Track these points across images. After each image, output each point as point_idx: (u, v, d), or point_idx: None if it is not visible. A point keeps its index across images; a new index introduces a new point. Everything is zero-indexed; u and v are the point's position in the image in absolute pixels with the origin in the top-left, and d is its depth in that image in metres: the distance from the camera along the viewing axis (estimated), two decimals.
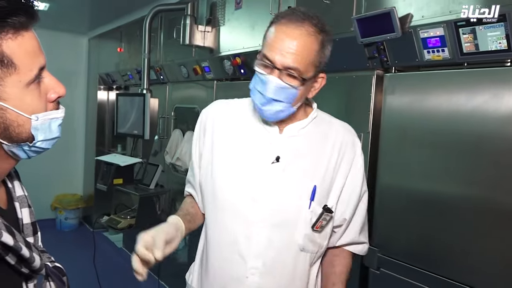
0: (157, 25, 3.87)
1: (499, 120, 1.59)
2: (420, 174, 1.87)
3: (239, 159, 1.23)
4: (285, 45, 1.07)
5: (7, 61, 0.64)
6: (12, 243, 0.66)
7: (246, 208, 1.20)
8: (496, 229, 1.59)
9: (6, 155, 0.71)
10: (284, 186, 1.20)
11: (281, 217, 1.20)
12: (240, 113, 1.29)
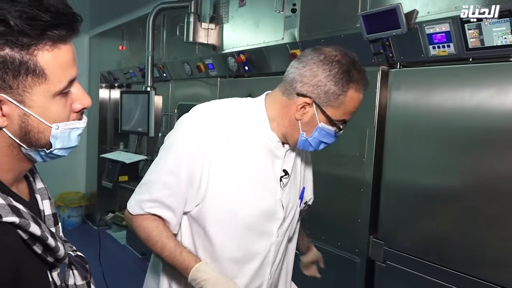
0: (160, 23, 3.88)
1: (504, 115, 1.61)
2: (425, 169, 1.90)
3: (257, 178, 1.21)
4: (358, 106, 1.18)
5: (39, 71, 0.65)
6: (40, 233, 0.68)
7: (271, 224, 1.24)
8: (501, 223, 1.62)
9: (25, 157, 0.73)
10: (291, 198, 1.29)
11: (288, 222, 1.29)
12: (243, 125, 1.21)
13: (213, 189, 1.15)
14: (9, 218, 0.64)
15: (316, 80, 1.12)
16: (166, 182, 1.15)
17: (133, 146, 4.38)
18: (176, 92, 3.95)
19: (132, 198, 1.21)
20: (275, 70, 2.73)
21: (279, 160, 1.23)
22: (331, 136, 1.19)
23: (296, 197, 1.31)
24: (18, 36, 0.62)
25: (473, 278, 1.70)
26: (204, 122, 1.17)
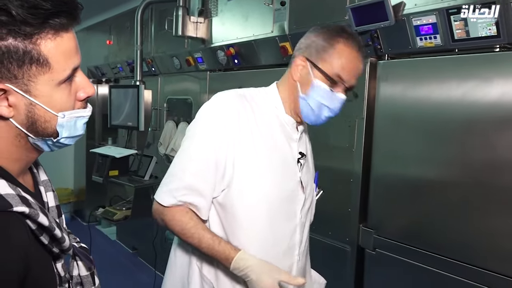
0: (148, 17, 3.86)
1: (489, 104, 1.66)
2: (413, 159, 1.94)
3: (279, 156, 1.25)
4: (357, 70, 1.22)
5: (43, 60, 0.66)
6: (47, 223, 0.69)
7: (294, 205, 1.29)
8: (485, 210, 1.68)
9: (32, 147, 0.73)
10: (307, 176, 1.34)
11: (308, 204, 1.35)
12: (261, 109, 1.26)
13: (238, 173, 1.17)
14: (20, 208, 0.65)
15: (308, 41, 1.23)
16: (195, 169, 1.16)
17: (122, 141, 4.36)
18: (165, 86, 3.95)
19: (160, 190, 1.20)
20: (265, 63, 2.75)
21: (295, 143, 1.29)
22: (330, 98, 1.21)
23: (312, 180, 1.39)
24: (21, 26, 0.62)
25: (458, 262, 1.75)
26: (226, 109, 1.20)
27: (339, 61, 1.19)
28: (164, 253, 3.92)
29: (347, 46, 1.19)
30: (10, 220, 0.64)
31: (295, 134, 1.30)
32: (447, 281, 1.79)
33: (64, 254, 0.79)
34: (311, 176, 1.39)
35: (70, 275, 0.84)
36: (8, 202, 0.64)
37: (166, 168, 3.89)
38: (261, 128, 1.22)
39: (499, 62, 1.64)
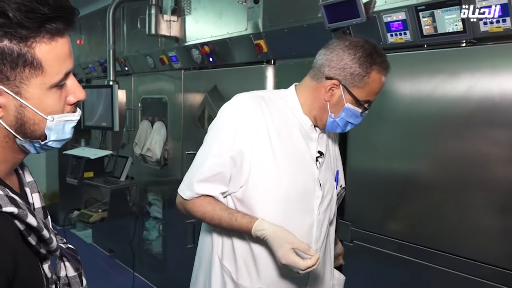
0: (120, 16, 3.82)
1: (457, 98, 1.73)
2: (386, 152, 2.00)
3: (296, 157, 1.32)
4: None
5: (37, 63, 0.66)
6: (36, 223, 0.69)
7: (311, 197, 1.34)
8: (457, 198, 1.75)
9: (19, 148, 0.73)
10: (326, 174, 1.40)
11: (327, 202, 1.40)
12: (278, 110, 1.33)
13: (255, 170, 1.26)
14: (9, 208, 0.65)
15: (342, 63, 1.26)
16: (212, 164, 1.26)
17: (96, 142, 4.30)
18: (139, 85, 3.91)
19: (182, 184, 1.32)
20: (239, 61, 2.76)
21: (314, 143, 1.36)
22: (357, 117, 1.32)
23: (332, 178, 1.44)
24: (17, 28, 0.63)
25: (432, 250, 1.82)
26: (245, 109, 1.28)
27: (372, 88, 1.29)
28: (142, 254, 3.91)
29: (380, 72, 1.28)
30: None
31: (314, 134, 1.37)
32: (421, 269, 1.86)
33: (51, 255, 0.79)
34: (331, 174, 1.43)
35: (57, 276, 0.83)
36: None
37: (142, 168, 3.85)
38: (278, 128, 1.29)
39: (466, 57, 1.71)
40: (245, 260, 1.30)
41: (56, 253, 0.80)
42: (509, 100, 1.59)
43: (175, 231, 3.49)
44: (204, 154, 1.29)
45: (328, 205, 1.41)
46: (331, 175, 1.43)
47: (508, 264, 1.60)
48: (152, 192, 3.83)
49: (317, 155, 1.36)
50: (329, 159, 1.44)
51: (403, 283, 1.95)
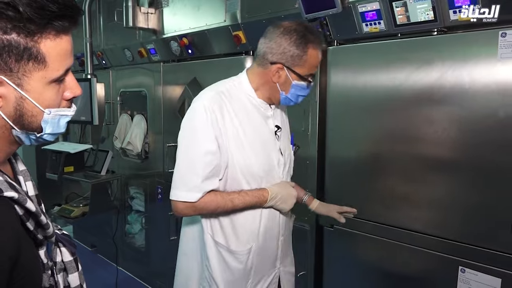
0: (96, 8, 3.77)
1: (429, 84, 1.80)
2: (364, 138, 2.07)
3: (259, 136, 1.52)
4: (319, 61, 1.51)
5: (41, 58, 0.69)
6: (34, 209, 0.71)
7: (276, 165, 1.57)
8: (430, 182, 1.83)
9: (14, 139, 0.75)
10: (284, 142, 1.63)
11: (288, 164, 1.65)
12: (235, 98, 1.51)
13: (231, 153, 1.44)
14: (9, 193, 0.67)
15: (281, 48, 1.43)
16: (206, 162, 1.40)
17: (74, 137, 4.24)
18: (118, 79, 3.88)
19: (180, 191, 1.43)
20: (218, 52, 2.78)
21: (270, 119, 1.57)
22: (304, 89, 1.51)
23: (289, 143, 1.68)
24: (26, 23, 0.66)
25: (409, 231, 1.90)
26: (210, 105, 1.42)
27: (311, 64, 1.47)
28: (125, 248, 3.91)
29: (315, 49, 1.46)
30: (1, 204, 0.66)
31: (269, 111, 1.57)
32: (395, 248, 1.94)
33: (47, 240, 0.81)
34: (288, 140, 1.67)
35: (53, 261, 0.85)
36: None
37: (123, 162, 3.83)
38: (239, 115, 1.47)
39: (437, 45, 1.78)
40: (232, 230, 1.51)
41: (52, 239, 0.82)
42: (478, 86, 1.66)
43: (158, 224, 3.50)
44: (195, 155, 1.42)
45: (289, 166, 1.66)
46: (287, 141, 1.67)
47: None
48: (133, 186, 3.82)
49: (275, 129, 1.58)
50: (285, 129, 1.66)
51: (380, 263, 2.03)
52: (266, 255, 1.59)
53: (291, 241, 1.78)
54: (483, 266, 1.68)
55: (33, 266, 0.75)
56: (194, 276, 1.61)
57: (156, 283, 3.62)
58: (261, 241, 1.55)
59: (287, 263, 1.72)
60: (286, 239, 1.70)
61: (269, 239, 1.59)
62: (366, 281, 2.10)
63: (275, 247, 1.62)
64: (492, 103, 1.63)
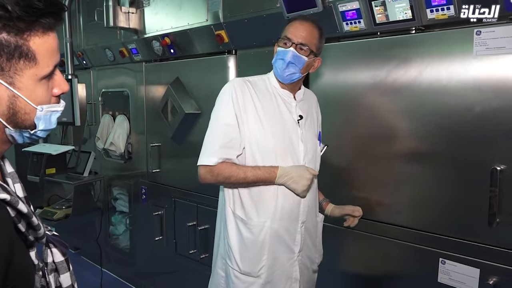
0: (75, 8, 3.73)
1: (409, 80, 1.85)
2: (347, 136, 2.10)
3: (281, 121, 1.66)
4: (300, 30, 1.62)
5: (31, 55, 0.70)
6: (26, 210, 0.71)
7: (298, 152, 1.69)
8: (409, 174, 1.87)
9: (6, 138, 0.76)
10: (309, 134, 1.74)
11: (311, 154, 1.74)
12: (261, 86, 1.69)
13: (250, 128, 1.61)
14: (2, 195, 0.67)
15: None
16: (225, 133, 1.60)
17: (55, 139, 4.19)
18: (99, 79, 3.85)
19: (203, 156, 1.62)
20: (201, 52, 2.79)
21: (293, 108, 1.71)
22: (282, 53, 1.62)
23: (315, 137, 1.79)
24: (16, 21, 0.66)
25: (389, 225, 1.95)
26: (235, 87, 1.63)
27: (287, 28, 1.64)
28: (109, 249, 3.88)
29: (292, 20, 1.66)
30: None
31: (293, 102, 1.71)
32: (376, 242, 1.98)
33: (37, 242, 0.80)
34: (314, 135, 1.78)
35: (45, 262, 0.85)
36: None
37: (106, 162, 3.81)
38: (263, 102, 1.64)
39: (415, 43, 1.83)
40: (251, 205, 1.65)
41: (43, 240, 0.81)
42: (455, 83, 1.71)
43: (143, 224, 3.49)
44: (216, 126, 1.62)
45: (312, 157, 1.75)
46: (313, 135, 1.77)
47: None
48: (117, 187, 3.79)
49: (298, 118, 1.70)
50: (312, 123, 1.78)
51: (362, 257, 2.07)
52: (281, 236, 1.66)
53: (319, 239, 1.86)
54: (462, 257, 1.73)
55: (25, 267, 0.75)
56: (219, 252, 1.77)
57: (141, 283, 3.61)
58: (277, 220, 1.64)
59: (308, 256, 1.76)
60: (310, 231, 1.76)
61: (287, 221, 1.66)
62: (348, 275, 2.14)
63: (293, 231, 1.68)
64: (468, 99, 1.68)
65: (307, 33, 1.61)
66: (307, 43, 1.61)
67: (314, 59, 1.67)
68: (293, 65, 1.61)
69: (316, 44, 1.64)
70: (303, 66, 1.63)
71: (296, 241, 1.70)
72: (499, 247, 1.64)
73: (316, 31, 1.64)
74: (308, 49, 1.61)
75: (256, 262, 1.64)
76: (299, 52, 1.61)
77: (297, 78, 1.67)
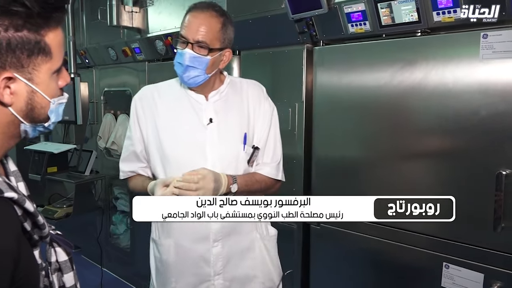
0: (78, 6, 3.72)
1: (414, 82, 1.84)
2: (349, 138, 2.10)
3: (182, 126, 1.50)
4: (194, 25, 1.40)
5: (47, 50, 0.72)
6: (33, 209, 0.71)
7: (198, 162, 1.44)
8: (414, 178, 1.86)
9: (18, 134, 0.77)
10: (222, 139, 1.51)
11: (225, 162, 1.50)
12: (168, 92, 1.55)
13: (148, 137, 1.52)
14: (10, 193, 0.67)
15: None
16: (126, 146, 1.58)
17: (57, 137, 4.18)
18: (101, 78, 3.84)
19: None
20: None
21: (203, 111, 1.51)
22: (178, 56, 1.43)
23: (235, 140, 1.53)
24: (36, 18, 0.68)
25: (394, 228, 1.93)
26: (138, 99, 1.55)
27: (182, 23, 1.43)
28: (110, 249, 3.87)
29: (188, 13, 1.43)
30: (2, 205, 0.66)
31: (204, 104, 1.51)
32: (380, 245, 1.97)
33: (42, 241, 0.80)
34: (232, 137, 1.52)
35: (48, 261, 0.84)
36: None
37: (107, 162, 3.80)
38: (166, 108, 1.51)
39: (421, 46, 1.82)
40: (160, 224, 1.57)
41: (47, 239, 0.81)
42: (461, 86, 1.70)
43: (143, 224, 3.46)
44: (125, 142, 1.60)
45: (230, 163, 1.50)
46: (233, 137, 1.52)
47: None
48: (118, 186, 3.78)
49: (207, 122, 1.50)
50: (236, 123, 1.54)
51: (366, 261, 2.06)
52: (190, 257, 1.50)
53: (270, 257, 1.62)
54: (466, 262, 1.72)
55: (31, 267, 0.74)
56: None
57: (142, 283, 3.60)
58: (182, 238, 1.50)
59: (239, 279, 1.55)
60: (241, 251, 1.55)
61: (193, 239, 1.49)
62: (352, 279, 2.13)
63: (204, 251, 1.49)
64: (474, 103, 1.67)
65: (204, 27, 1.39)
66: (205, 39, 1.39)
67: (221, 53, 1.45)
68: (193, 68, 1.41)
69: (218, 38, 1.42)
70: (206, 66, 1.42)
71: (211, 262, 1.49)
72: (504, 252, 1.63)
73: (215, 21, 1.41)
74: (207, 46, 1.40)
75: (166, 283, 1.54)
76: (197, 52, 1.40)
77: (202, 81, 1.46)
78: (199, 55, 1.40)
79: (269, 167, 1.59)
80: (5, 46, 0.67)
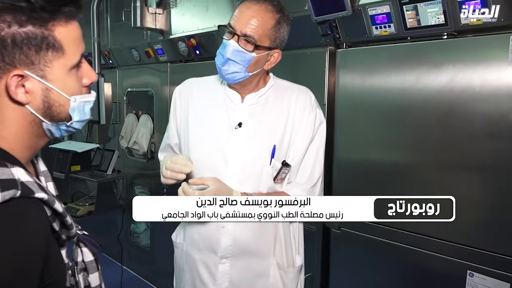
0: (103, 8, 3.78)
1: (439, 88, 1.80)
2: (372, 141, 2.07)
3: (209, 125, 1.42)
4: (245, 16, 1.28)
5: (58, 45, 0.70)
6: (61, 210, 0.72)
7: (218, 166, 1.38)
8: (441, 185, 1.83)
9: (44, 133, 0.76)
10: (247, 147, 1.39)
11: (246, 173, 1.38)
12: (208, 87, 1.48)
13: (180, 137, 1.51)
14: (40, 194, 0.68)
15: None
16: (165, 137, 1.59)
17: (80, 136, 4.26)
18: (124, 79, 3.89)
19: None
20: None
21: (236, 112, 1.41)
22: (222, 45, 1.33)
23: (262, 151, 1.38)
24: (40, 12, 0.67)
25: (417, 234, 1.90)
26: (177, 92, 1.52)
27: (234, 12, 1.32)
28: (130, 247, 3.92)
29: (242, 2, 1.33)
30: (33, 205, 0.67)
31: (238, 105, 1.41)
32: (402, 251, 1.94)
33: (69, 241, 0.81)
34: (260, 146, 1.39)
35: (75, 261, 0.86)
36: (30, 188, 0.66)
37: (129, 161, 3.84)
38: (202, 103, 1.45)
39: (447, 49, 1.78)
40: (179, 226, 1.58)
41: (74, 239, 0.82)
42: (489, 90, 1.66)
43: (163, 224, 3.48)
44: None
45: (250, 176, 1.38)
46: (262, 147, 1.38)
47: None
48: (139, 185, 3.83)
49: (235, 125, 1.39)
50: (269, 133, 1.40)
51: (388, 267, 2.03)
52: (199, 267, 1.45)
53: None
54: (491, 271, 1.67)
55: (58, 266, 0.75)
56: None
57: (161, 282, 3.63)
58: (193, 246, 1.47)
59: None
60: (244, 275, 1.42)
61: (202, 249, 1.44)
62: (373, 285, 2.10)
63: (211, 265, 1.43)
64: (503, 107, 1.63)
65: (255, 21, 1.26)
66: (253, 34, 1.26)
67: (269, 53, 1.33)
68: (234, 62, 1.29)
69: (269, 35, 1.29)
70: (249, 63, 1.29)
71: (217, 279, 1.41)
72: None
73: (269, 16, 1.28)
74: (254, 42, 1.27)
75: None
76: (242, 46, 1.27)
77: (241, 78, 1.33)
78: (243, 49, 1.27)
79: (300, 189, 1.41)
80: (10, 42, 0.66)
